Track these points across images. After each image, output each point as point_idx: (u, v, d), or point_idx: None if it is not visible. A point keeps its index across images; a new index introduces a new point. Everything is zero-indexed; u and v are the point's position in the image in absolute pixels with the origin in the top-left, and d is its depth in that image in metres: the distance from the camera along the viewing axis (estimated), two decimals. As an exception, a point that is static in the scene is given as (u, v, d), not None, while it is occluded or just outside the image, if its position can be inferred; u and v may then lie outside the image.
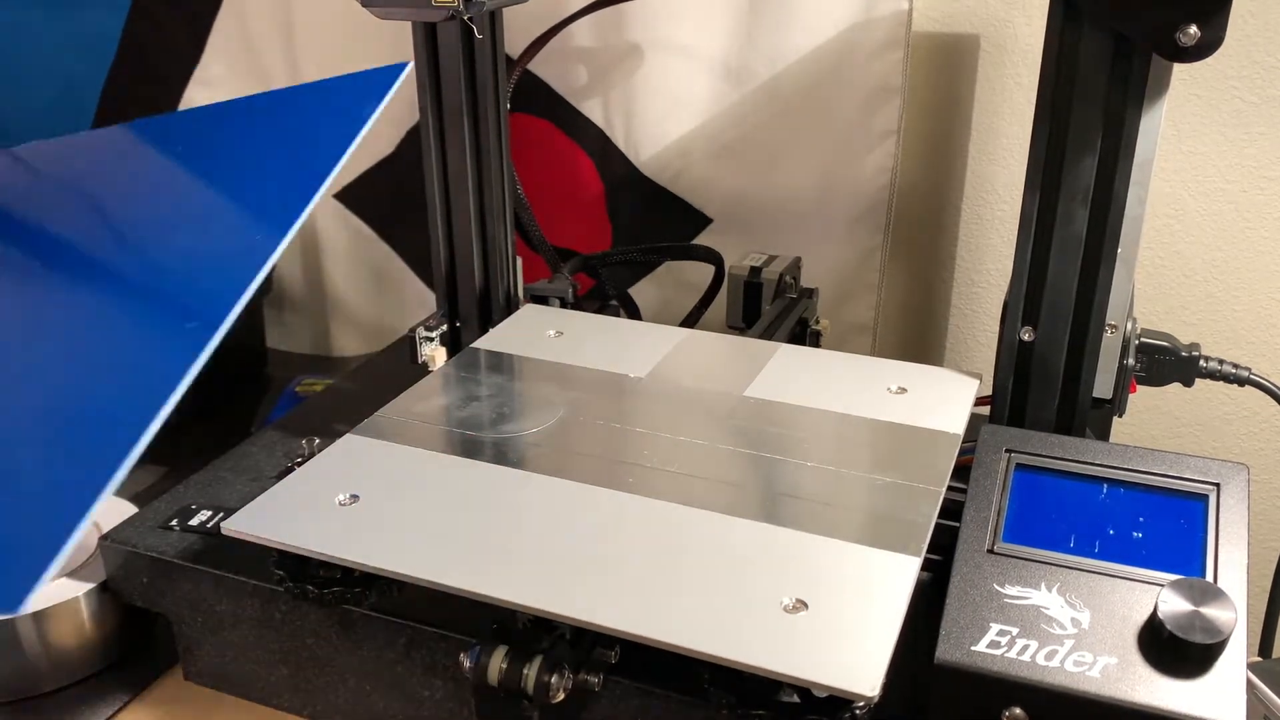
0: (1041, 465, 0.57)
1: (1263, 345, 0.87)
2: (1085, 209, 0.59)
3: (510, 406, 0.65)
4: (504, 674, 0.50)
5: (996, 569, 0.51)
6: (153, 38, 1.10)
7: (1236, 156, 0.83)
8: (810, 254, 0.89)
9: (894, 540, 0.51)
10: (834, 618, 0.46)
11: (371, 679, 0.60)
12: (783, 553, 0.51)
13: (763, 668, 0.44)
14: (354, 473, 0.58)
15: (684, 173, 0.96)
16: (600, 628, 0.47)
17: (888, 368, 0.69)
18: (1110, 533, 0.53)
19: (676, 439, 0.61)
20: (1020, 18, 0.85)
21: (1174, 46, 0.53)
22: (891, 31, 0.85)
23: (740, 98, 0.91)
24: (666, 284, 1.01)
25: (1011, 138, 0.89)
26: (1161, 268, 0.88)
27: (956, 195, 0.93)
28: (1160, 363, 0.67)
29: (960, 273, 0.95)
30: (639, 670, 0.53)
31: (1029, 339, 0.63)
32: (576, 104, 0.97)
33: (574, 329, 0.76)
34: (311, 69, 1.04)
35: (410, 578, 0.50)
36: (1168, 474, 0.55)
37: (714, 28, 0.90)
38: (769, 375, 0.68)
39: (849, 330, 0.95)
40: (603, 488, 0.56)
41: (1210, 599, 0.46)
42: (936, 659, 0.48)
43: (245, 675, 0.64)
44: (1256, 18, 0.79)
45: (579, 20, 0.88)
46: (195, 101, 1.10)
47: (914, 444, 0.60)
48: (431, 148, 0.74)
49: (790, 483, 0.57)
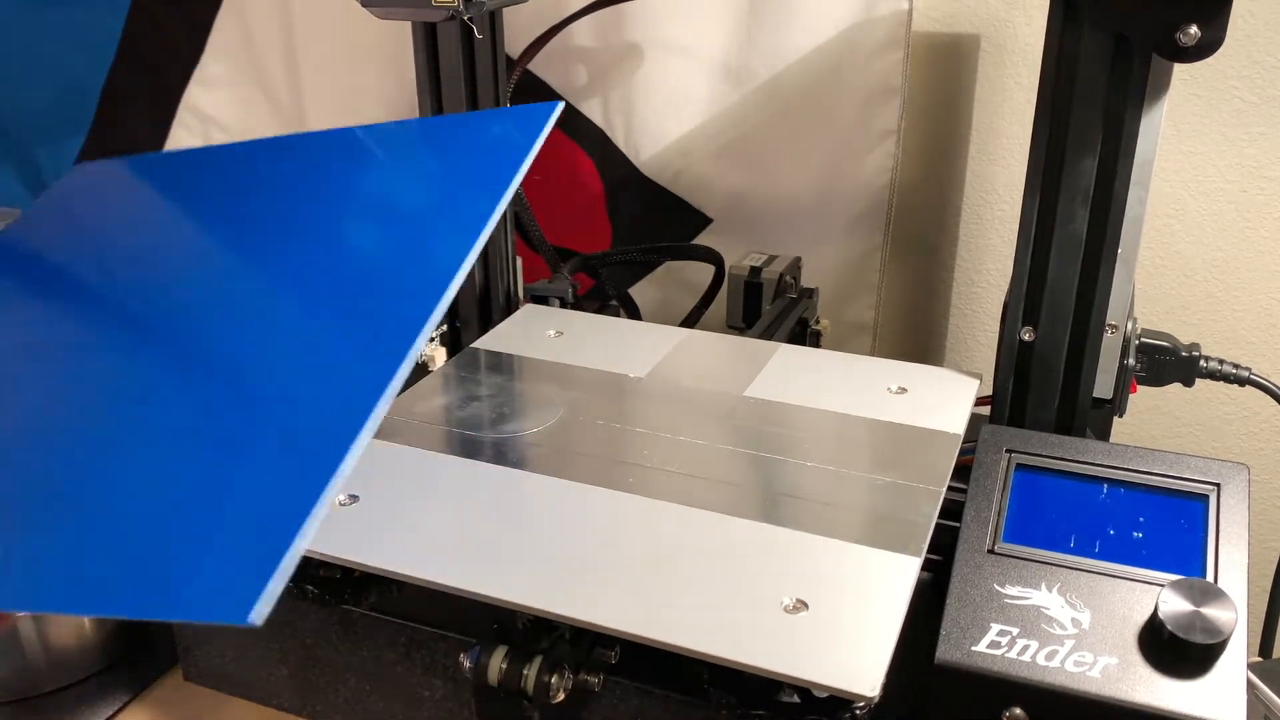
0: (1042, 465, 0.57)
1: (1263, 345, 0.87)
2: (1085, 209, 0.59)
3: (510, 406, 0.65)
4: (504, 674, 0.50)
5: (997, 569, 0.51)
6: (153, 38, 1.10)
7: (1236, 156, 0.83)
8: (810, 254, 0.89)
9: (894, 540, 0.51)
10: (834, 618, 0.46)
11: (371, 679, 0.60)
12: (783, 553, 0.51)
13: (763, 668, 0.44)
14: (354, 473, 0.57)
15: (684, 173, 0.96)
16: (600, 628, 0.47)
17: (888, 368, 0.69)
18: (1110, 533, 0.53)
19: (676, 439, 0.61)
20: (1020, 18, 0.85)
21: (1174, 46, 0.53)
22: (891, 31, 0.85)
23: (740, 98, 0.91)
24: (666, 284, 1.01)
25: (1011, 138, 0.89)
26: (1161, 268, 0.88)
27: (956, 195, 0.93)
28: (1160, 363, 0.67)
29: (960, 273, 0.95)
30: (639, 670, 0.53)
31: (1029, 339, 0.63)
32: (576, 104, 0.97)
33: (574, 329, 0.76)
34: (311, 69, 1.04)
35: (410, 578, 0.50)
36: (1168, 474, 0.55)
37: (714, 28, 0.90)
38: (769, 375, 0.68)
39: (849, 330, 0.95)
40: (603, 488, 0.56)
41: (1210, 599, 0.46)
42: (937, 659, 0.48)
43: (245, 675, 0.64)
44: (1256, 17, 0.79)
45: (579, 20, 0.88)
46: (195, 101, 1.10)
47: (914, 444, 0.60)
48: (431, 148, 0.73)
49: (790, 483, 0.57)
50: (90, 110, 1.15)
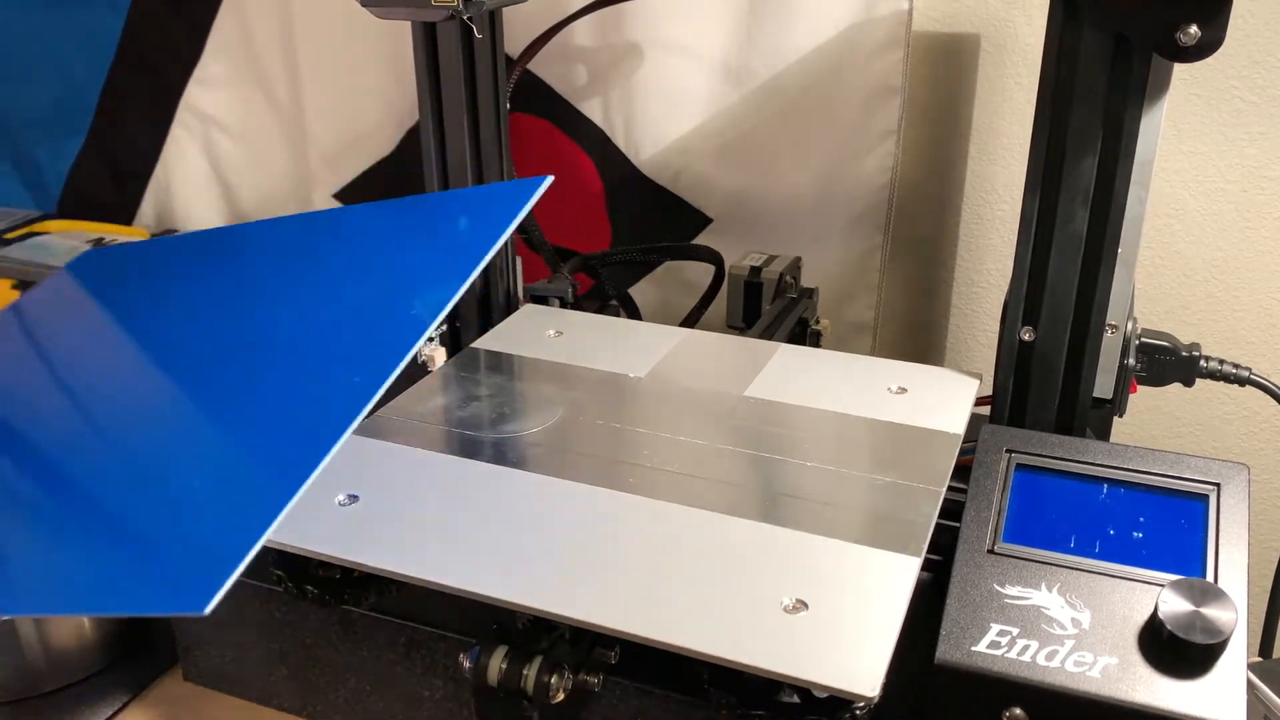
0: (1042, 465, 0.57)
1: (1263, 345, 0.87)
2: (1085, 209, 0.59)
3: (510, 406, 0.65)
4: (504, 674, 0.50)
5: (997, 569, 0.51)
6: (153, 38, 1.10)
7: (1236, 156, 0.83)
8: (810, 254, 0.89)
9: (894, 540, 0.51)
10: (834, 618, 0.46)
11: (371, 679, 0.60)
12: (783, 553, 0.51)
13: (763, 668, 0.44)
14: (353, 473, 0.58)
15: (684, 172, 0.96)
16: (600, 628, 0.47)
17: (888, 368, 0.69)
18: (1110, 533, 0.53)
19: (676, 439, 0.61)
20: (1020, 17, 0.85)
21: (1174, 46, 0.53)
22: (891, 31, 0.85)
23: (740, 98, 0.91)
24: (666, 284, 1.01)
25: (1011, 138, 0.89)
26: (1161, 268, 0.88)
27: (956, 195, 0.93)
28: (1160, 363, 0.67)
29: (960, 273, 0.95)
30: (639, 670, 0.53)
31: (1029, 339, 0.63)
32: (576, 104, 0.97)
33: (574, 329, 0.76)
34: (311, 69, 1.04)
35: (410, 578, 0.50)
36: (1168, 474, 0.55)
37: (714, 28, 0.90)
38: (769, 375, 0.68)
39: (849, 330, 0.95)
40: (603, 487, 0.56)
41: (1210, 599, 0.46)
42: (937, 659, 0.48)
43: (245, 675, 0.64)
44: (1256, 17, 0.79)
45: (579, 20, 0.88)
46: (195, 101, 1.11)
47: (914, 444, 0.60)
48: (431, 147, 0.74)
49: (790, 483, 0.57)
50: (90, 110, 1.15)
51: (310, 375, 0.41)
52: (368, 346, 0.40)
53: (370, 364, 0.38)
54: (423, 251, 0.47)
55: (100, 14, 1.10)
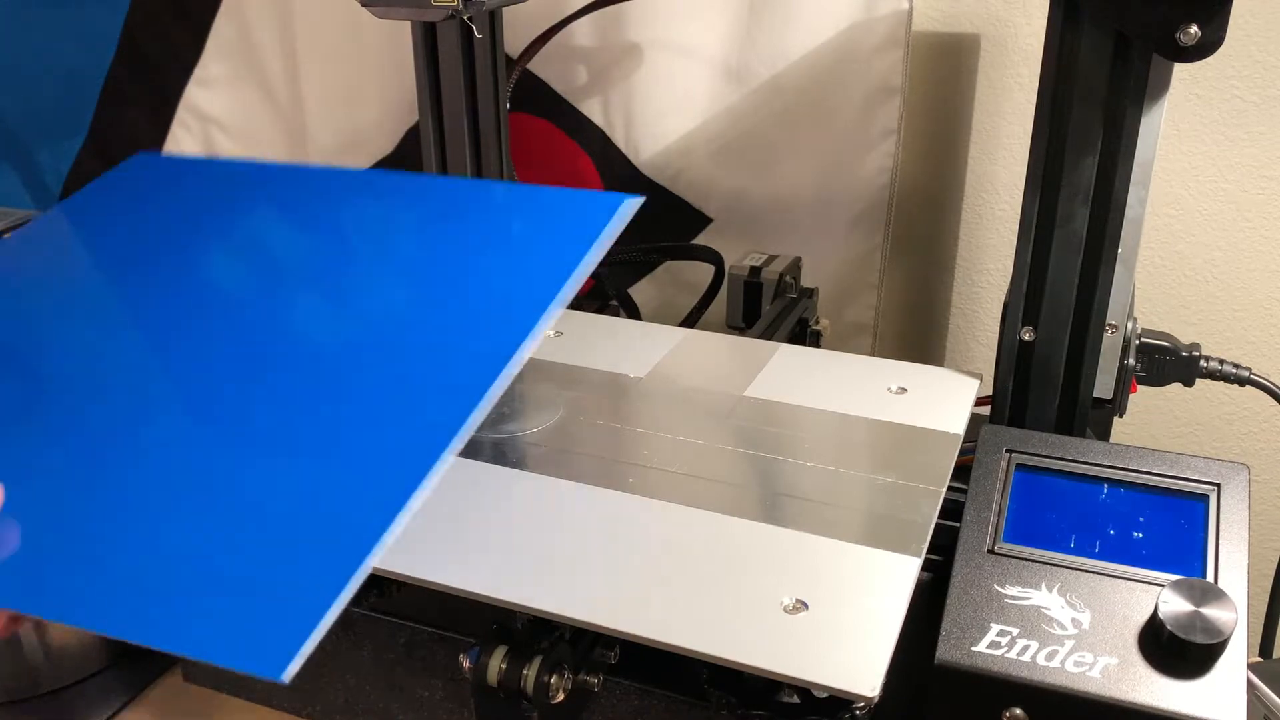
0: (1042, 465, 0.57)
1: (1263, 345, 0.87)
2: (1085, 209, 0.59)
3: (510, 406, 0.65)
4: (504, 674, 0.50)
5: (997, 569, 0.51)
6: (153, 37, 1.10)
7: (1236, 156, 0.83)
8: (810, 254, 0.89)
9: (894, 540, 0.51)
10: (834, 618, 0.46)
11: (371, 679, 0.60)
12: (783, 553, 0.51)
13: (763, 668, 0.44)
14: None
15: (684, 172, 0.96)
16: (600, 628, 0.47)
17: (888, 368, 0.69)
18: (1111, 533, 0.53)
19: (676, 439, 0.61)
20: (1020, 17, 0.85)
21: (1174, 46, 0.53)
22: (891, 31, 0.84)
23: (740, 98, 0.91)
24: (666, 284, 1.01)
25: (1011, 137, 0.89)
26: (1161, 268, 0.88)
27: (956, 195, 0.93)
28: (1160, 363, 0.67)
29: (960, 273, 0.95)
30: (639, 670, 0.53)
31: (1029, 339, 0.63)
32: (576, 104, 0.97)
33: (574, 329, 0.76)
34: (311, 69, 1.04)
35: (410, 578, 0.50)
36: (1168, 474, 0.55)
37: (714, 28, 0.90)
38: (769, 375, 0.68)
39: (849, 330, 0.95)
40: (603, 487, 0.56)
41: (1211, 599, 0.46)
42: (937, 659, 0.48)
43: (245, 675, 0.64)
44: (1256, 17, 0.79)
45: (579, 20, 0.88)
46: (195, 101, 1.10)
47: (914, 444, 0.60)
48: (431, 147, 0.74)
49: (790, 483, 0.57)
50: (90, 110, 1.15)
51: (400, 403, 0.38)
52: (452, 376, 0.38)
53: (450, 404, 0.36)
54: (505, 259, 0.44)
55: (100, 13, 1.10)
